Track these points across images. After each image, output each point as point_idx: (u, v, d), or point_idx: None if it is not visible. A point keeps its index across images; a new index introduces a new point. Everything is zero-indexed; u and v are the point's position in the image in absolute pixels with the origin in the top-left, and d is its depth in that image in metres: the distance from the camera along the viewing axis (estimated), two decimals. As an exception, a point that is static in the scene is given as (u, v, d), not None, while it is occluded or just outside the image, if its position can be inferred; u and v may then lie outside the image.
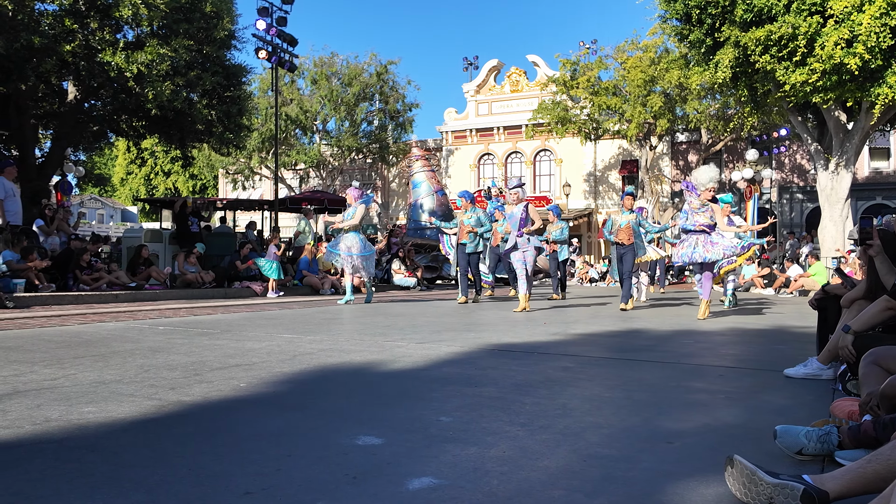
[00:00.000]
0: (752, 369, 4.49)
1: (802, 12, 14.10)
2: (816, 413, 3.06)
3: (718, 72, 15.56)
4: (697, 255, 8.04)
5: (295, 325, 7.08)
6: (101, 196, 60.03)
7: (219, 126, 16.90)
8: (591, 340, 6.06)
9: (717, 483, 2.11)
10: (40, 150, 18.38)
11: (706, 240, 8.06)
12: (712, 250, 7.98)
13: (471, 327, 7.00)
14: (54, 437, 2.54)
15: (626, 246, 9.70)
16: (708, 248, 8.00)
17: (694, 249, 8.06)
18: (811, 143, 18.06)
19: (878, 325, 3.38)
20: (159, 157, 49.01)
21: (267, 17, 17.58)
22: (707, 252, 8.00)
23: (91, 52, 13.72)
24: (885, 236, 3.51)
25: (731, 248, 7.97)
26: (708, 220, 8.15)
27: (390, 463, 2.31)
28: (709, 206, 8.18)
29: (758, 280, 17.69)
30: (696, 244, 8.08)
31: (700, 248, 8.03)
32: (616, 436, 2.71)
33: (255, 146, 31.79)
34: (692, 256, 8.08)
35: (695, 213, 8.22)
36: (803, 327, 7.12)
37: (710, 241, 8.04)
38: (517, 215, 9.55)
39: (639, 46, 27.68)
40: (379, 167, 38.77)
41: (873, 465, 1.87)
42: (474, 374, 4.14)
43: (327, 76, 33.56)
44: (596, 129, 29.98)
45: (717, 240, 8.06)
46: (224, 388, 3.51)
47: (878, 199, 29.92)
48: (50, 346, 5.02)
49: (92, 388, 3.44)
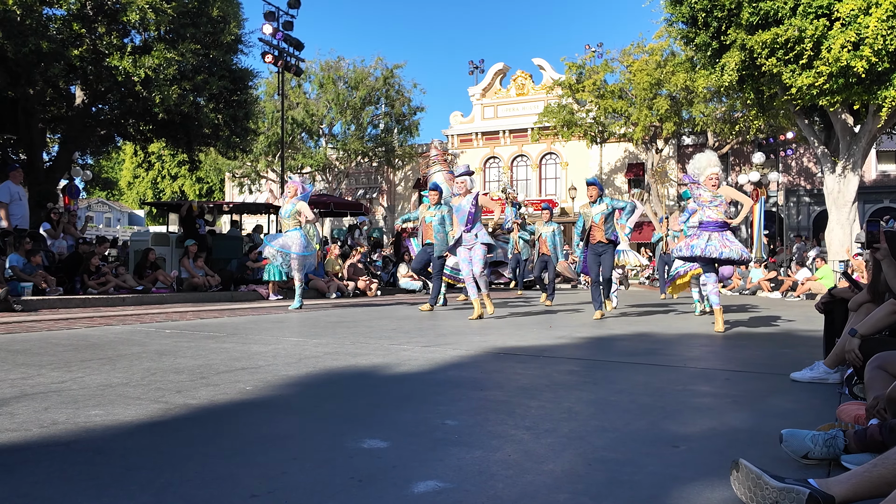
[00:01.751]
0: (759, 373, 4.48)
1: (809, 15, 14.07)
2: (823, 417, 3.05)
3: (724, 75, 15.53)
4: (713, 249, 7.09)
5: (301, 328, 7.09)
6: (108, 200, 60.26)
7: (225, 130, 16.94)
8: (596, 344, 6.05)
9: (722, 487, 2.11)
10: (48, 154, 18.45)
11: (722, 237, 7.17)
12: (730, 247, 7.10)
13: (476, 331, 7.00)
14: (62, 440, 2.56)
15: (606, 245, 8.72)
16: (726, 244, 7.11)
17: (708, 242, 7.15)
18: (818, 147, 18.01)
19: (885, 329, 3.37)
20: (166, 160, 49.16)
21: (273, 22, 17.66)
22: (724, 247, 7.08)
23: (99, 56, 13.78)
24: (893, 239, 3.50)
25: (742, 251, 7.20)
26: (722, 215, 7.23)
27: (395, 466, 2.31)
28: (721, 197, 7.26)
29: (764, 284, 17.65)
30: (710, 238, 7.17)
31: (716, 243, 7.12)
32: (621, 439, 2.71)
33: (262, 150, 31.87)
34: (706, 250, 7.13)
35: (706, 206, 7.29)
36: (810, 331, 7.09)
37: (727, 239, 7.18)
38: (465, 208, 8.55)
39: (645, 50, 27.68)
40: (385, 170, 38.81)
41: (879, 469, 1.86)
42: (479, 377, 4.14)
43: (333, 80, 33.64)
44: (602, 133, 29.97)
45: (732, 239, 7.24)
46: (230, 392, 3.52)
47: (886, 202, 29.80)
48: (57, 350, 5.04)
49: (99, 391, 3.45)
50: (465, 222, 8.53)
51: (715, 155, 7.62)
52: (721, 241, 7.13)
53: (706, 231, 7.22)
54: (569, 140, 31.07)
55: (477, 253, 8.53)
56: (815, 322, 6.61)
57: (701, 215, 7.39)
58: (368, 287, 14.80)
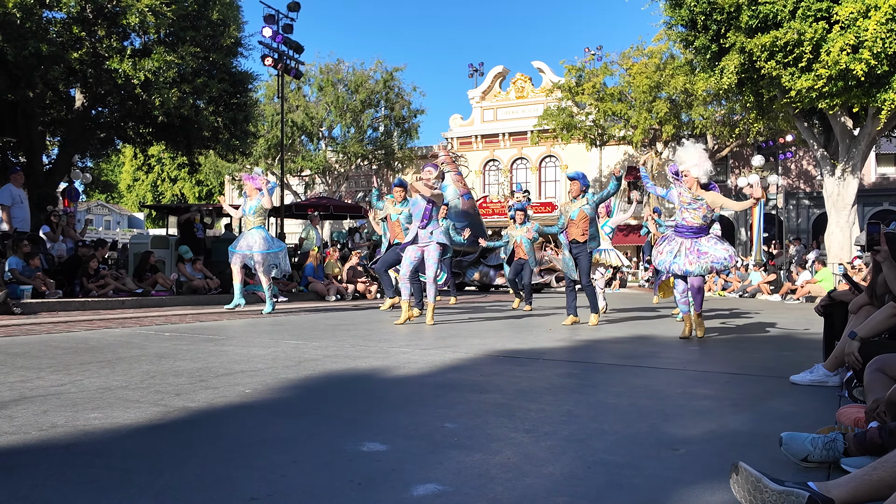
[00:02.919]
0: (758, 376, 4.47)
1: (808, 18, 14.10)
2: (822, 420, 3.05)
3: (724, 78, 15.56)
4: (677, 268, 6.50)
5: (300, 331, 7.08)
6: (107, 202, 60.25)
7: (225, 133, 16.96)
8: (596, 347, 6.05)
9: (722, 490, 2.11)
10: (48, 157, 18.48)
11: (693, 247, 6.47)
12: (697, 262, 6.40)
13: (476, 334, 6.99)
14: (61, 443, 2.55)
15: (580, 244, 7.94)
16: (692, 259, 6.42)
17: (675, 258, 6.50)
18: (817, 149, 18.03)
19: (884, 332, 3.37)
20: (166, 163, 49.18)
21: (273, 25, 17.67)
22: (689, 264, 6.41)
23: (98, 59, 13.80)
24: (893, 241, 3.50)
25: (721, 260, 6.46)
26: (700, 219, 6.50)
27: (395, 469, 2.31)
28: (702, 200, 6.46)
29: (764, 286, 17.65)
30: (678, 251, 6.52)
31: (682, 259, 6.45)
32: (621, 442, 2.71)
33: (262, 153, 31.88)
34: (670, 267, 6.55)
35: (684, 207, 6.53)
36: (810, 334, 7.09)
37: (698, 250, 6.46)
38: (422, 204, 7.98)
39: (644, 52, 27.73)
40: (384, 173, 38.83)
41: (879, 473, 1.86)
42: (479, 380, 4.13)
43: (333, 83, 33.67)
44: (601, 136, 30.01)
45: (706, 248, 6.48)
46: (229, 395, 3.52)
47: (885, 204, 29.82)
48: (56, 352, 5.04)
49: (98, 394, 3.45)
50: (421, 218, 7.92)
51: (704, 151, 6.75)
52: (690, 255, 6.44)
53: (679, 237, 6.60)
54: (568, 143, 31.08)
55: (431, 254, 7.89)
56: (814, 325, 6.61)
57: (678, 217, 6.67)
58: (368, 290, 14.79)
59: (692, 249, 6.44)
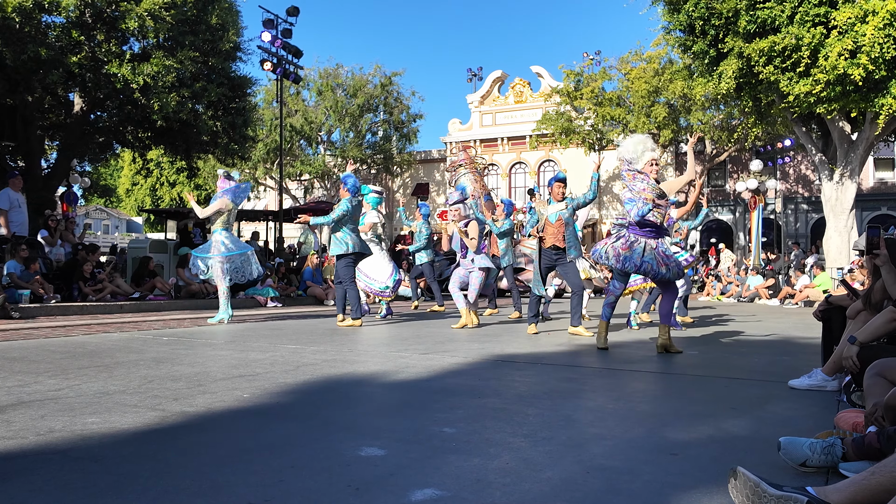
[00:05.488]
0: (757, 380, 4.47)
1: (806, 23, 14.13)
2: (821, 424, 3.05)
3: (722, 82, 15.58)
4: (648, 269, 5.84)
5: (298, 335, 7.08)
6: (106, 207, 60.24)
7: (224, 137, 16.97)
8: (594, 351, 6.04)
9: (720, 495, 2.10)
10: (46, 162, 18.46)
11: (659, 246, 5.91)
12: (668, 263, 5.89)
13: (475, 338, 6.99)
14: (58, 448, 2.55)
15: (561, 250, 7.37)
16: (663, 261, 5.85)
17: (643, 259, 5.82)
18: (815, 154, 18.05)
19: (883, 337, 3.37)
20: (165, 167, 49.14)
21: (272, 29, 17.69)
22: (662, 266, 5.84)
23: (97, 63, 13.80)
24: (893, 246, 3.50)
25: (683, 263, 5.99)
26: (659, 216, 5.89)
27: (393, 474, 2.30)
28: (665, 195, 5.88)
29: (763, 291, 17.66)
30: (644, 250, 5.85)
31: (651, 259, 5.83)
32: (619, 447, 2.71)
33: (260, 157, 31.89)
34: (641, 267, 5.84)
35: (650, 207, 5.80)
36: (808, 338, 7.10)
37: (665, 253, 5.92)
38: (458, 236, 8.54)
39: (642, 57, 27.79)
40: (383, 178, 38.85)
41: (877, 477, 1.86)
42: (477, 384, 4.13)
43: (332, 87, 33.70)
44: (600, 140, 30.03)
45: (669, 250, 6.05)
46: (227, 399, 3.51)
47: (883, 209, 29.87)
48: (54, 357, 5.03)
49: (96, 399, 3.44)
50: (461, 247, 8.59)
51: (649, 137, 6.23)
52: (658, 256, 5.86)
53: (643, 238, 5.90)
54: (567, 147, 31.12)
55: (474, 281, 8.56)
56: (813, 329, 6.61)
57: (638, 213, 5.81)
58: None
59: (656, 251, 5.87)
